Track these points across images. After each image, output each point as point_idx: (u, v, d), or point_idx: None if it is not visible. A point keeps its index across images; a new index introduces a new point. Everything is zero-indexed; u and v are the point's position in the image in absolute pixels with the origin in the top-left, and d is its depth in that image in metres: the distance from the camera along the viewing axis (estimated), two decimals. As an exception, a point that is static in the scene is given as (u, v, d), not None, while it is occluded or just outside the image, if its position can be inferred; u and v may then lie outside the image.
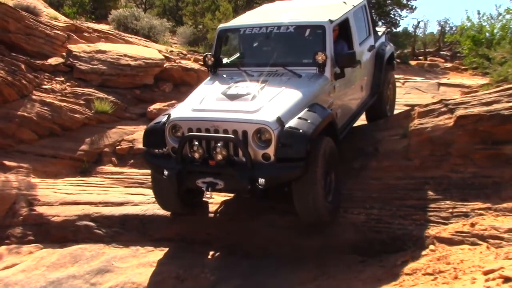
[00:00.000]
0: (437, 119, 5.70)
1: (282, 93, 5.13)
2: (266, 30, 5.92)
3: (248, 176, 4.61)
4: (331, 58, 5.56)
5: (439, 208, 5.02)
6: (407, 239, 4.77)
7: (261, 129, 4.67)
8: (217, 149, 4.67)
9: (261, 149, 4.69)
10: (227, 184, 4.76)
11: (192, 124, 4.93)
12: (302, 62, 5.67)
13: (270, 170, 4.65)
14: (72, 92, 8.36)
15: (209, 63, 6.05)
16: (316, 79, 5.45)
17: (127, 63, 9.13)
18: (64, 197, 6.40)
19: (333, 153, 5.16)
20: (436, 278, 3.91)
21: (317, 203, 4.79)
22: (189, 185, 4.95)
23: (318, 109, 5.11)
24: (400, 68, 15.26)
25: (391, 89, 7.89)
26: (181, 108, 5.30)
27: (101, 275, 5.14)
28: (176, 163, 4.91)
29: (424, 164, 5.54)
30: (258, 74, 5.59)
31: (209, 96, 5.28)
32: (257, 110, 4.82)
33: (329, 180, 5.10)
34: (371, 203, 5.36)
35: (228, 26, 6.34)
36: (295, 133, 4.65)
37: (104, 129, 8.00)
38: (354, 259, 4.89)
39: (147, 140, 5.32)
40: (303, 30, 5.91)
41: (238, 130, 4.71)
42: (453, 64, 17.75)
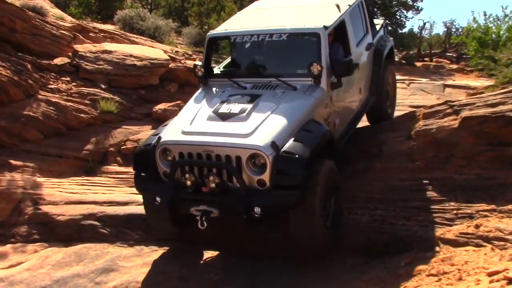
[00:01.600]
0: (442, 121, 5.69)
1: (276, 111, 4.87)
2: (258, 38, 5.62)
3: (243, 205, 4.42)
4: (327, 68, 5.29)
5: (443, 209, 5.01)
6: (411, 240, 4.76)
7: (255, 155, 4.46)
8: (210, 177, 4.48)
9: (256, 174, 4.48)
10: (222, 213, 4.54)
11: (183, 148, 4.70)
12: (297, 72, 5.43)
13: (266, 198, 4.44)
14: (78, 92, 8.41)
15: (199, 74, 5.80)
16: (312, 92, 5.18)
17: (132, 63, 9.17)
18: (69, 196, 6.43)
19: (334, 176, 4.91)
20: (440, 279, 3.91)
21: (315, 232, 4.57)
22: (183, 212, 4.75)
23: (315, 127, 4.90)
24: (405, 69, 15.27)
25: (391, 84, 7.54)
26: (171, 129, 5.01)
27: (105, 274, 5.16)
28: (168, 189, 4.71)
29: (429, 165, 5.53)
30: (251, 86, 5.38)
31: (200, 115, 5.05)
32: (251, 133, 4.58)
33: (328, 205, 4.84)
34: (375, 204, 5.35)
35: (218, 33, 6.01)
36: (291, 158, 4.42)
37: (110, 129, 8.04)
38: (358, 260, 4.89)
39: (137, 164, 5.11)
40: (296, 38, 5.63)
41: (231, 156, 4.50)
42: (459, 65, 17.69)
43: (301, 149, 4.49)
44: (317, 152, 4.66)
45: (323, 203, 4.64)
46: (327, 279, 4.67)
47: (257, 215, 4.37)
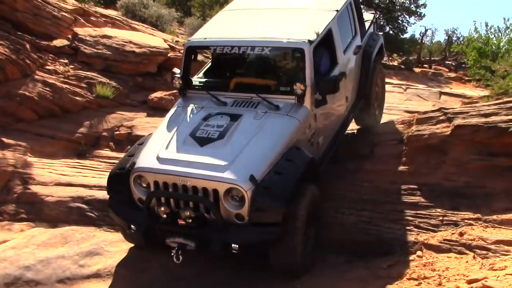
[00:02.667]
0: (435, 127, 5.73)
1: (257, 137, 4.63)
2: (239, 50, 5.23)
3: (221, 241, 4.26)
4: (312, 86, 5.00)
5: (429, 215, 5.06)
6: (395, 243, 4.81)
7: (233, 189, 4.27)
8: (186, 212, 4.29)
9: (234, 208, 4.28)
10: (199, 246, 4.36)
11: (158, 177, 4.48)
12: (280, 90, 5.13)
13: (244, 235, 4.27)
14: (75, 75, 8.37)
15: (177, 86, 5.49)
16: (295, 113, 4.91)
17: (131, 50, 9.14)
18: (59, 178, 6.43)
19: (316, 202, 4.75)
20: (420, 283, 3.95)
21: (295, 260, 4.45)
22: (158, 242, 4.54)
23: (297, 156, 4.65)
24: (404, 74, 15.30)
25: (380, 84, 7.18)
26: (146, 153, 4.76)
27: (90, 257, 5.17)
28: (143, 218, 4.54)
29: (419, 170, 5.57)
30: (232, 102, 5.12)
31: (176, 138, 4.79)
32: (228, 164, 4.34)
33: (309, 230, 4.65)
34: (363, 205, 5.39)
35: (197, 42, 5.60)
36: (270, 194, 4.23)
37: (104, 113, 8.02)
38: (341, 259, 4.94)
39: (111, 187, 4.90)
40: (279, 53, 5.45)
41: (208, 188, 4.29)
42: (457, 74, 17.75)
43: (282, 183, 4.33)
44: (299, 183, 4.47)
45: (305, 230, 4.50)
46: (309, 276, 4.70)
47: (234, 251, 4.23)
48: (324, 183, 5.14)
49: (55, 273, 5.00)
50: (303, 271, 4.60)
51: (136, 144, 5.22)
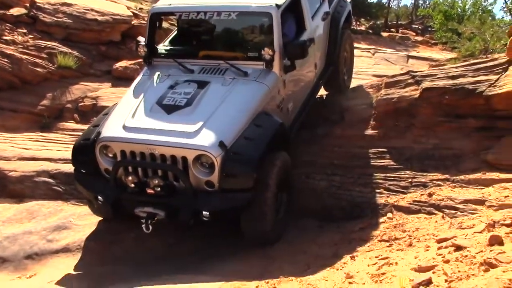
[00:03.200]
0: (403, 90, 5.73)
1: (225, 103, 4.55)
2: (205, 15, 5.13)
3: (191, 209, 4.17)
4: (280, 51, 4.91)
5: (399, 177, 5.10)
6: (366, 206, 4.86)
7: (202, 155, 4.19)
8: (154, 180, 4.20)
9: (204, 175, 4.20)
10: (169, 215, 4.26)
11: (125, 146, 4.37)
12: (248, 56, 5.03)
13: (215, 202, 4.20)
14: (35, 44, 8.03)
15: (142, 54, 5.34)
16: (264, 79, 4.82)
17: (93, 17, 8.80)
18: (22, 152, 6.23)
19: (287, 169, 4.69)
20: (391, 244, 3.99)
21: (266, 227, 4.39)
22: (127, 212, 4.43)
23: (266, 121, 4.60)
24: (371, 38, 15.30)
25: (348, 50, 7.11)
26: (112, 122, 4.63)
27: (58, 232, 5.08)
28: (111, 189, 4.42)
29: (388, 134, 5.60)
30: (199, 69, 5.01)
31: (142, 106, 4.68)
32: (197, 131, 4.27)
33: (280, 196, 4.62)
34: (333, 170, 5.40)
35: (161, 9, 5.48)
36: (240, 160, 4.19)
37: (67, 84, 7.76)
38: (312, 224, 4.96)
39: (76, 159, 4.75)
40: (246, 18, 5.26)
41: (177, 156, 4.21)
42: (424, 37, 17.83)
43: (251, 149, 4.28)
44: (269, 148, 4.43)
45: (276, 196, 4.47)
46: (283, 242, 4.71)
47: (205, 219, 4.15)
48: (294, 149, 5.12)
49: (23, 249, 4.90)
50: (275, 239, 4.58)
51: (101, 114, 5.07)
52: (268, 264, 4.23)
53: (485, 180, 4.66)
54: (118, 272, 4.48)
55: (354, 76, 7.95)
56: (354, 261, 3.82)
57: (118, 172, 4.40)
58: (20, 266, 4.77)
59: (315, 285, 3.43)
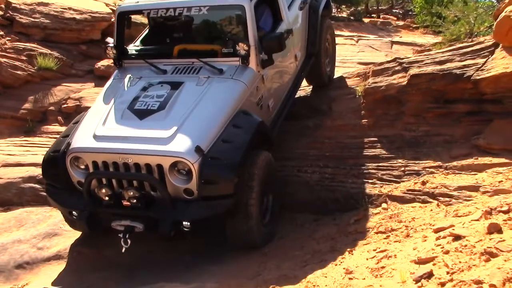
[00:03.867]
0: (391, 78, 5.69)
1: (200, 105, 4.33)
2: (175, 12, 4.89)
3: (170, 220, 3.96)
4: (256, 45, 4.69)
5: (391, 166, 5.06)
6: (360, 197, 4.80)
7: (178, 162, 3.97)
8: (129, 192, 3.96)
9: (181, 183, 3.99)
10: (148, 227, 4.06)
11: (97, 156, 4.14)
12: (222, 52, 4.82)
13: (195, 210, 3.98)
14: (13, 47, 7.86)
15: (111, 56, 5.15)
16: (240, 75, 4.62)
17: (72, 16, 8.63)
18: (7, 158, 6.12)
19: (270, 168, 4.49)
20: (388, 236, 3.96)
21: (251, 232, 4.20)
22: (104, 226, 4.25)
23: (245, 121, 4.38)
24: (353, 25, 15.23)
25: (330, 40, 6.80)
26: (82, 132, 4.42)
27: (48, 239, 4.97)
28: (85, 203, 4.18)
29: (378, 123, 5.56)
30: (172, 69, 4.79)
31: (113, 112, 4.45)
32: (171, 136, 4.04)
33: (266, 200, 4.47)
34: (325, 162, 5.36)
35: (128, 7, 5.17)
36: (219, 165, 3.96)
37: (49, 86, 7.63)
38: (308, 218, 4.91)
39: (46, 173, 4.56)
40: (218, 12, 5.05)
41: (152, 164, 3.97)
42: (405, 22, 17.83)
43: (230, 152, 4.05)
44: (250, 149, 4.24)
45: (260, 200, 4.29)
46: (278, 238, 4.67)
47: (186, 229, 3.95)
48: (284, 142, 5.04)
49: (13, 258, 4.80)
50: (262, 242, 4.40)
51: (71, 123, 4.85)
52: (265, 262, 4.15)
53: (478, 165, 4.64)
54: (111, 277, 4.41)
55: (339, 65, 7.91)
56: (352, 255, 3.78)
57: (91, 184, 4.16)
58: (12, 276, 4.67)
59: (315, 282, 3.39)
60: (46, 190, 4.66)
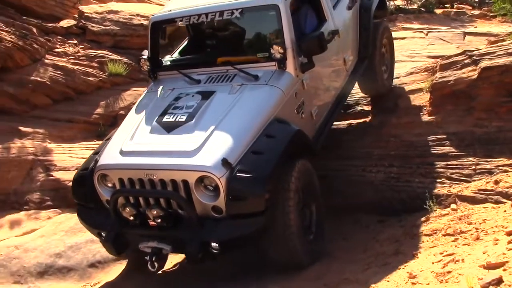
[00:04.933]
0: (460, 72, 5.42)
1: (230, 114, 4.02)
2: (207, 17, 4.60)
3: (198, 241, 3.63)
4: (293, 47, 4.34)
5: (461, 165, 4.83)
6: (428, 198, 4.60)
7: (205, 177, 3.67)
8: (153, 211, 3.70)
9: (209, 200, 3.68)
10: (176, 248, 3.83)
11: (122, 173, 3.93)
12: (257, 57, 4.48)
13: (224, 230, 3.64)
14: (85, 54, 8.25)
15: (145, 69, 4.97)
16: (276, 81, 4.26)
17: (139, 22, 8.93)
18: (80, 161, 6.27)
19: (310, 178, 4.15)
20: (456, 239, 3.76)
21: (294, 249, 3.79)
22: (132, 248, 4.05)
23: (279, 130, 4.01)
24: (424, 17, 14.68)
25: (387, 45, 6.23)
26: (110, 148, 4.25)
27: (118, 239, 5.14)
28: (112, 224, 3.97)
29: (446, 119, 5.31)
30: (206, 78, 4.50)
31: (142, 126, 4.25)
32: (197, 149, 3.75)
33: (309, 213, 4.12)
34: (391, 161, 5.20)
35: (161, 17, 4.96)
36: (247, 179, 3.59)
37: (119, 91, 7.92)
38: (373, 219, 4.81)
39: (75, 192, 4.40)
40: (252, 14, 4.65)
41: (177, 180, 3.70)
42: (481, 11, 16.98)
43: (261, 165, 3.68)
44: (285, 160, 3.86)
45: (301, 212, 3.95)
46: (342, 239, 4.60)
47: (215, 251, 3.62)
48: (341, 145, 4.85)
49: (86, 257, 5.05)
50: (308, 262, 3.98)
51: (104, 140, 4.74)
52: (327, 264, 4.09)
53: (557, 163, 4.34)
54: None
55: (407, 59, 7.68)
56: (417, 259, 3.63)
57: (117, 203, 3.93)
58: (85, 274, 4.92)
59: (376, 287, 3.29)
60: (76, 210, 4.49)
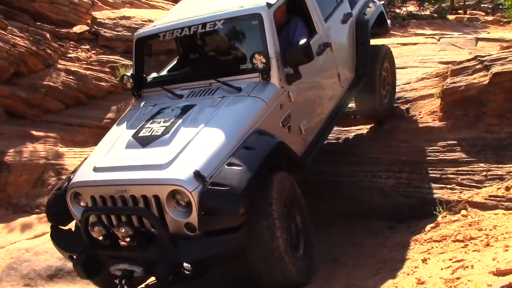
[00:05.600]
0: (471, 77, 5.39)
1: (208, 126, 3.78)
2: (189, 31, 4.43)
3: (168, 262, 3.33)
4: (277, 57, 4.10)
5: (472, 171, 4.78)
6: (438, 204, 4.57)
7: (176, 191, 3.38)
8: (121, 229, 3.39)
9: (181, 217, 3.38)
10: (148, 270, 3.48)
11: (94, 190, 3.65)
12: (240, 68, 4.28)
13: (196, 249, 3.33)
14: (97, 60, 8.35)
15: (128, 86, 4.75)
16: (259, 92, 4.01)
17: (151, 28, 9.00)
18: (92, 165, 6.43)
19: (293, 191, 3.86)
20: (466, 245, 3.72)
21: (283, 267, 3.45)
22: (104, 273, 3.70)
23: (259, 141, 3.71)
24: (436, 23, 14.69)
25: (388, 68, 5.83)
26: (85, 165, 4.01)
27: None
28: (83, 247, 3.67)
29: (457, 125, 5.28)
30: (188, 92, 4.28)
31: (119, 141, 4.00)
32: (170, 161, 3.50)
33: (294, 227, 3.82)
34: (400, 167, 5.16)
35: (145, 32, 4.82)
36: (221, 193, 3.28)
37: (130, 96, 7.72)
38: (382, 225, 4.76)
39: (49, 213, 4.13)
40: (234, 25, 4.50)
41: (148, 196, 3.41)
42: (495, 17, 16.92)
43: (236, 178, 3.35)
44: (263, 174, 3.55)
45: (286, 225, 3.63)
46: (352, 245, 4.57)
47: (187, 272, 3.32)
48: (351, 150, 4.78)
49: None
50: (302, 280, 3.66)
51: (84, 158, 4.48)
52: (335, 269, 4.07)
53: None
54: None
55: (418, 65, 7.63)
56: (426, 265, 3.60)
57: (87, 223, 3.60)
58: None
59: (384, 292, 3.26)
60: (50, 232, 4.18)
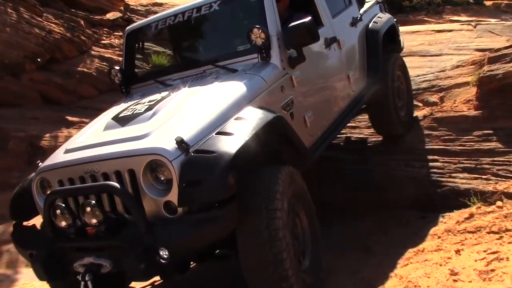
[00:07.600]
0: (509, 65, 5.24)
1: (195, 101, 3.38)
2: (183, 17, 4.13)
3: (140, 247, 2.73)
4: (278, 35, 3.76)
5: (508, 161, 4.67)
6: (472, 194, 4.48)
7: (155, 163, 2.84)
8: (87, 208, 2.82)
9: (160, 195, 2.82)
10: (118, 265, 2.85)
11: (63, 173, 3.13)
12: (238, 50, 3.89)
13: (174, 231, 2.73)
14: (130, 46, 8.42)
15: (116, 81, 4.40)
16: (258, 70, 3.63)
17: (183, 15, 9.05)
18: (124, 150, 6.53)
19: (301, 189, 3.35)
20: (501, 237, 3.65)
21: (287, 280, 2.86)
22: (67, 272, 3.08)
23: (253, 113, 3.20)
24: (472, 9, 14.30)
25: (401, 77, 5.65)
26: (57, 151, 3.55)
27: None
28: (44, 240, 3.12)
29: (493, 114, 5.15)
30: (180, 81, 3.89)
31: (98, 125, 3.64)
32: (149, 132, 3.04)
33: (301, 234, 3.30)
34: (434, 156, 5.08)
35: (135, 26, 4.62)
36: (206, 159, 2.73)
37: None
38: (414, 215, 4.70)
39: (12, 207, 3.58)
40: (232, 5, 4.13)
41: (122, 171, 2.89)
42: (535, 2, 16.35)
43: (225, 144, 2.83)
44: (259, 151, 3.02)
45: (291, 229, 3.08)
46: (383, 234, 4.54)
47: (164, 261, 2.72)
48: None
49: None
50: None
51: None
52: (366, 258, 4.06)
53: None
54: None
55: (454, 52, 7.46)
56: (460, 256, 3.54)
57: (51, 212, 3.03)
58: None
59: (416, 282, 3.23)
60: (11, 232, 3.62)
